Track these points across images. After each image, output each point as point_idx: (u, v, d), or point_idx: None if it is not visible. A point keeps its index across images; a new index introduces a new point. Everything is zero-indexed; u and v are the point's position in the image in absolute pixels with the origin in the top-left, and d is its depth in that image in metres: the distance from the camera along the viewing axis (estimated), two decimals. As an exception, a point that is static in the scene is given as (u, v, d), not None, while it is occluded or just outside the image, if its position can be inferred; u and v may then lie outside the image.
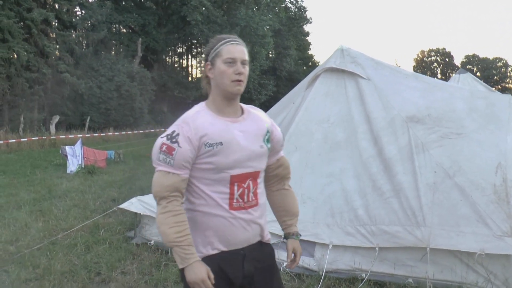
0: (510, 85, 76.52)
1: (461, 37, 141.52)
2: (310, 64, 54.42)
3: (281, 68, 44.78)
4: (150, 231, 5.24)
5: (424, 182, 4.29)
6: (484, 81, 15.97)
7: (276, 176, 2.18)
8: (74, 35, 28.71)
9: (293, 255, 2.16)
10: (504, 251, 3.65)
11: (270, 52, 42.95)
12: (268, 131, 2.02)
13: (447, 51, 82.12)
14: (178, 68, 43.78)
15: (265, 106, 9.02)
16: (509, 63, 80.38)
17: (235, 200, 1.90)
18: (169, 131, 1.88)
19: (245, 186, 1.91)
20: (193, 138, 1.83)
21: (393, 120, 5.07)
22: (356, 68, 5.60)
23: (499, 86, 71.23)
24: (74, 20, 28.31)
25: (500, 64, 79.38)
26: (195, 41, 41.54)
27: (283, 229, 2.22)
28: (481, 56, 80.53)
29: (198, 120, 1.87)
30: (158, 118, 33.79)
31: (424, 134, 4.85)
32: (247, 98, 41.30)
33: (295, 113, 5.32)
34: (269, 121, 2.09)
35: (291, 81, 42.85)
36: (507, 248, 3.65)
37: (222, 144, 1.85)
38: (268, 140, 2.02)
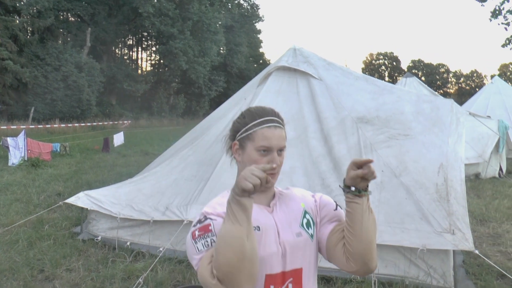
0: (450, 90, 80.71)
1: (408, 42, 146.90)
2: (261, 61, 54.84)
3: (232, 65, 44.84)
4: (97, 227, 5.10)
5: (372, 181, 4.43)
6: (428, 85, 16.72)
7: (347, 249, 1.50)
8: (18, 21, 27.35)
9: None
10: (444, 246, 3.85)
11: (221, 49, 42.86)
12: (306, 212, 1.55)
13: (394, 55, 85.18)
14: (127, 61, 42.73)
15: (215, 102, 9.01)
16: (450, 69, 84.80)
17: None
18: (194, 221, 1.48)
19: None
20: (222, 215, 1.41)
21: (343, 120, 5.21)
22: (308, 68, 5.72)
23: (441, 91, 74.83)
24: (18, 5, 26.96)
25: (442, 70, 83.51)
26: (146, 34, 40.72)
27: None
28: (426, 61, 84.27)
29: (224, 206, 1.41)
30: (106, 111, 32.89)
31: (373, 135, 5.01)
32: (197, 93, 41.12)
33: (247, 110, 5.36)
34: (307, 195, 1.61)
35: (242, 78, 42.99)
36: (446, 244, 3.85)
37: (259, 230, 1.43)
38: (309, 224, 1.53)
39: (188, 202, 4.49)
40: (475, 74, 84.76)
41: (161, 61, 40.84)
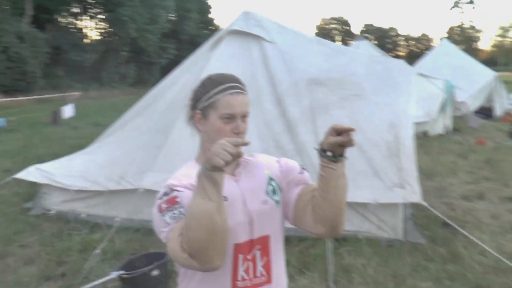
0: (401, 53, 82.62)
1: (359, 7, 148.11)
2: (211, 27, 53.74)
3: (182, 32, 43.73)
4: (49, 200, 4.96)
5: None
6: (379, 49, 17.06)
7: (314, 212, 1.49)
8: None
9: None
10: (394, 200, 4.02)
11: (171, 15, 41.68)
12: (271, 179, 1.52)
13: (345, 19, 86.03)
14: (74, 30, 40.78)
15: (167, 70, 8.78)
16: (400, 33, 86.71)
17: (239, 279, 1.44)
18: (159, 193, 1.43)
19: (249, 257, 1.45)
20: (190, 186, 1.38)
21: (296, 82, 5.23)
22: (261, 31, 5.66)
23: (392, 54, 76.49)
24: None
25: (393, 33, 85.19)
26: (93, 1, 38.88)
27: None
28: (377, 25, 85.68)
29: (192, 175, 1.37)
30: (53, 83, 31.52)
31: (326, 96, 5.07)
32: (147, 61, 40.01)
33: (198, 75, 5.28)
34: (272, 161, 1.59)
35: (193, 45, 41.71)
36: (396, 198, 4.02)
37: (227, 200, 1.37)
38: (275, 191, 1.51)
39: (143, 170, 4.42)
40: (424, 37, 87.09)
41: (110, 29, 39.29)
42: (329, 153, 1.39)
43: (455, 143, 9.41)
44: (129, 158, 4.67)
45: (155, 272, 3.09)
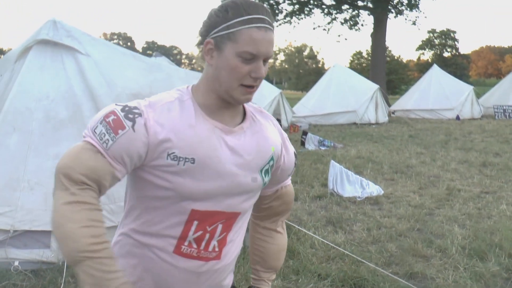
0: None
1: (142, 23, 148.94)
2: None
3: None
4: None
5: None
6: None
7: (268, 209, 1.51)
8: None
9: None
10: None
11: None
12: (272, 159, 1.34)
13: (128, 35, 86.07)
14: None
15: None
16: (183, 51, 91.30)
17: (186, 244, 1.27)
18: (131, 103, 1.23)
19: (209, 229, 1.28)
20: (153, 133, 1.18)
21: (118, 97, 4.98)
22: (72, 42, 5.22)
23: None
24: None
25: (175, 51, 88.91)
26: None
27: (252, 276, 1.61)
28: (159, 43, 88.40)
29: (171, 113, 1.21)
30: None
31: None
32: None
33: (6, 89, 4.62)
34: (279, 139, 1.39)
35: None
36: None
37: (193, 163, 1.20)
38: (268, 172, 1.35)
39: None
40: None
41: None
42: None
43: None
44: None
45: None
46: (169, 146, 1.19)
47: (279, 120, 15.64)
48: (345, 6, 30.82)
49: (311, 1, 30.54)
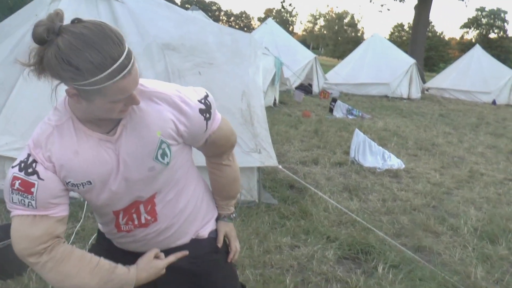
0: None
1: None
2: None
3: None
4: None
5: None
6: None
7: (208, 152, 1.60)
8: None
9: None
10: (252, 164, 4.29)
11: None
12: (162, 142, 1.33)
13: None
14: None
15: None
16: (222, 8, 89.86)
17: (123, 227, 1.46)
18: (22, 156, 1.26)
19: (133, 211, 1.42)
20: (51, 167, 1.25)
21: (149, 46, 5.07)
22: (108, -12, 5.28)
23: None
24: None
25: (214, 7, 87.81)
26: None
27: (216, 205, 1.73)
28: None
29: (55, 146, 1.25)
30: None
31: (180, 62, 5.04)
32: None
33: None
34: (169, 115, 1.34)
35: None
36: (254, 162, 4.29)
37: (91, 183, 1.30)
38: (165, 153, 1.34)
39: (-20, 133, 3.82)
40: (243, 15, 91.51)
41: None
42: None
43: (284, 115, 10.29)
44: (-43, 118, 3.96)
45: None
46: (64, 176, 1.26)
47: (310, 86, 15.53)
48: (392, -25, 29.69)
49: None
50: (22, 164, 1.23)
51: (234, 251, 1.68)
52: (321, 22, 78.66)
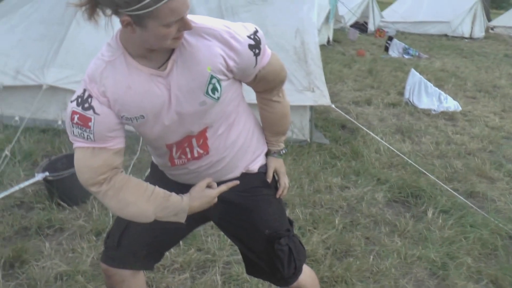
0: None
1: None
2: None
3: None
4: None
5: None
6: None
7: (257, 88, 1.59)
8: None
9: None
10: (305, 102, 4.27)
11: None
12: (212, 77, 1.34)
13: None
14: None
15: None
16: None
17: (176, 160, 1.52)
18: (78, 90, 1.33)
19: (186, 145, 1.47)
20: (106, 102, 1.31)
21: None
22: None
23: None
24: None
25: None
26: None
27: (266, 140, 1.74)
28: None
29: (108, 80, 1.30)
30: None
31: (233, -1, 4.97)
32: None
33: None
34: (218, 51, 1.33)
35: None
36: (307, 100, 4.27)
37: (144, 117, 1.35)
38: (215, 88, 1.36)
39: (43, 65, 3.99)
40: None
41: None
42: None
43: (338, 53, 10.04)
44: (23, 51, 4.15)
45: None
46: (118, 110, 1.32)
47: (365, 24, 14.89)
48: None
49: None
50: (79, 99, 1.30)
51: (283, 187, 1.71)
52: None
